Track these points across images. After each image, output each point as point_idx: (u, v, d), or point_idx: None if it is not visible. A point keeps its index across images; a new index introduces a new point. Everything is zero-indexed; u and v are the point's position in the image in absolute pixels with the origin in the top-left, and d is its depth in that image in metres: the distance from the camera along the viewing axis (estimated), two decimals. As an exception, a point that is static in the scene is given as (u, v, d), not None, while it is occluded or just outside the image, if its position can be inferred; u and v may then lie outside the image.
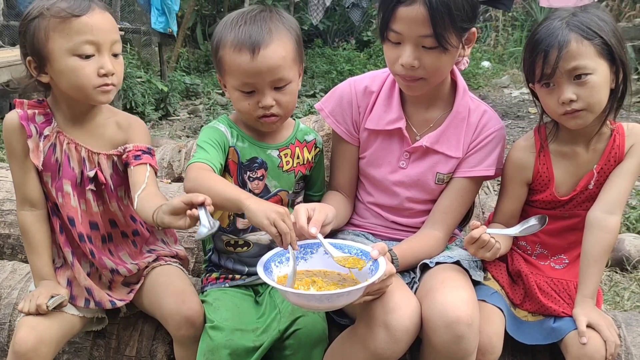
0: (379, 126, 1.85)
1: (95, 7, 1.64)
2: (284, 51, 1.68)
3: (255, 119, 1.73)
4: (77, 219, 1.74)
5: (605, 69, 1.64)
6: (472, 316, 1.52)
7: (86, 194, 1.75)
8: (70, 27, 1.60)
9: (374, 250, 1.54)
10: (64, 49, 1.61)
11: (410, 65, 1.67)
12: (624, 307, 2.66)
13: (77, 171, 1.74)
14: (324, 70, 8.78)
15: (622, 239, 3.11)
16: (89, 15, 1.61)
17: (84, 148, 1.73)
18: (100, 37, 1.63)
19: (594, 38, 1.61)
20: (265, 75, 1.66)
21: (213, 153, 1.70)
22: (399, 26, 1.65)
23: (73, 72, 1.62)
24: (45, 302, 1.66)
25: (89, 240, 1.77)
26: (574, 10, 1.68)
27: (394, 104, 1.84)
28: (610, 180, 1.74)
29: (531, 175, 1.80)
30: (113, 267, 1.79)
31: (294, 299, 1.47)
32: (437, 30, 1.61)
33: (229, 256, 1.87)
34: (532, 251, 1.86)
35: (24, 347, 1.60)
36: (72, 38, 1.61)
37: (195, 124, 6.46)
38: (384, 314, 1.54)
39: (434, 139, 1.82)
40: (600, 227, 1.71)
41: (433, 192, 1.86)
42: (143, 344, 1.87)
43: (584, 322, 1.64)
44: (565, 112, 1.66)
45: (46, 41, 1.62)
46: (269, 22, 1.69)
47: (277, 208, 1.48)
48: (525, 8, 10.61)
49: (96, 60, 1.63)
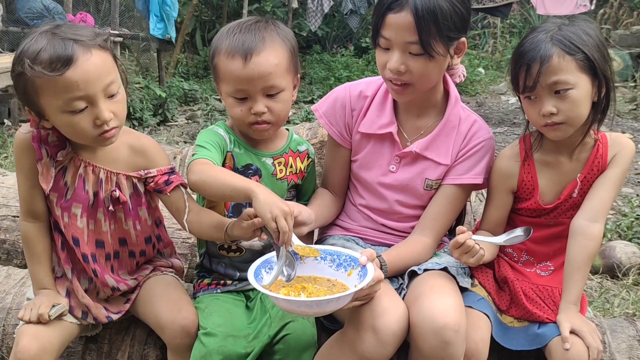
0: (371, 130, 1.89)
1: (79, 55, 1.50)
2: (276, 59, 1.71)
3: (248, 125, 1.76)
4: (82, 239, 1.73)
5: (586, 84, 1.67)
6: (459, 322, 1.56)
7: (97, 214, 1.74)
8: (56, 85, 1.50)
9: (363, 256, 1.57)
10: (55, 107, 1.54)
11: (397, 70, 1.71)
12: (614, 314, 2.68)
13: (90, 193, 1.71)
14: (322, 77, 8.82)
15: (613, 246, 3.13)
16: (72, 69, 1.49)
17: (102, 169, 1.71)
18: (90, 89, 1.52)
19: (576, 53, 1.64)
20: (257, 81, 1.69)
21: (214, 152, 1.73)
22: (387, 32, 1.70)
23: (69, 127, 1.58)
24: (47, 312, 1.68)
25: (93, 259, 1.76)
26: (561, 23, 1.71)
27: (387, 109, 1.88)
28: (594, 189, 1.77)
29: (516, 184, 1.83)
30: (114, 285, 1.80)
31: (284, 305, 1.50)
32: (423, 37, 1.66)
33: (220, 261, 1.89)
34: (519, 258, 1.89)
35: (26, 355, 1.61)
36: (60, 96, 1.51)
37: (193, 130, 6.49)
38: (372, 318, 1.57)
39: (424, 145, 1.86)
40: (584, 234, 1.74)
41: (422, 198, 1.89)
42: (135, 348, 1.89)
43: (567, 328, 1.66)
44: (546, 124, 1.70)
45: (36, 97, 1.54)
46: (263, 31, 1.73)
47: (282, 205, 1.50)
48: (523, 15, 10.68)
49: (90, 111, 1.55)
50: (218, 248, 1.87)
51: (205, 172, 1.62)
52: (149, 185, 1.77)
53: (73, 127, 1.57)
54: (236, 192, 1.57)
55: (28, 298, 1.83)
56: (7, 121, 6.01)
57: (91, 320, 1.78)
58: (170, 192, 1.75)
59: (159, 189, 1.76)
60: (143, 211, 1.81)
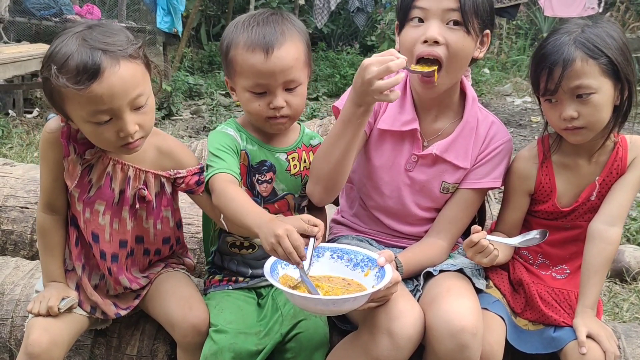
0: (393, 127, 1.85)
1: (106, 68, 1.46)
2: (296, 52, 1.70)
3: (265, 120, 1.74)
4: (102, 237, 1.72)
5: (609, 88, 1.64)
6: (476, 325, 1.53)
7: (122, 213, 1.73)
8: (81, 97, 1.47)
9: (381, 257, 1.55)
10: (79, 116, 1.52)
11: (434, 39, 1.66)
12: (623, 318, 2.67)
13: (117, 191, 1.70)
14: (328, 74, 8.79)
15: (622, 250, 3.11)
16: (98, 82, 1.46)
17: (131, 166, 1.70)
18: (115, 102, 1.49)
19: (600, 57, 1.61)
20: (278, 76, 1.67)
21: (230, 160, 1.70)
22: (425, 2, 1.68)
23: (93, 135, 1.56)
24: (57, 305, 1.67)
25: (113, 258, 1.75)
26: (584, 24, 1.68)
27: (407, 106, 1.85)
28: (612, 192, 1.75)
29: (533, 186, 1.81)
30: (127, 285, 1.79)
31: (300, 302, 1.47)
32: (463, 5, 1.65)
33: (232, 258, 1.87)
34: (534, 261, 1.87)
35: (37, 348, 1.60)
36: (84, 108, 1.49)
37: (198, 124, 6.47)
38: (387, 322, 1.55)
39: (444, 147, 1.82)
40: (601, 238, 1.72)
41: (437, 201, 1.86)
42: (144, 343, 1.88)
43: (584, 332, 1.64)
44: (566, 128, 1.68)
45: (62, 103, 1.52)
46: (281, 24, 1.71)
47: (275, 230, 1.41)
48: (530, 17, 10.65)
49: (114, 123, 1.52)
50: (229, 246, 1.85)
51: (224, 199, 1.60)
52: (180, 187, 1.76)
53: (97, 137, 1.56)
54: (244, 229, 1.57)
55: (37, 290, 1.82)
56: (12, 112, 5.99)
57: (99, 315, 1.76)
58: (202, 192, 1.75)
59: (190, 190, 1.76)
60: (167, 212, 1.80)
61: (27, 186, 2.42)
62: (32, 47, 5.86)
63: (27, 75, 6.03)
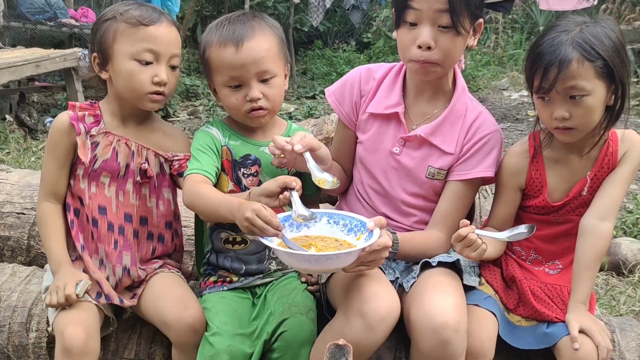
0: (378, 110, 1.90)
1: (164, 20, 1.78)
2: (267, 44, 1.76)
3: (244, 114, 1.79)
4: (109, 208, 1.82)
5: (602, 90, 1.64)
6: (459, 322, 1.55)
7: (126, 185, 1.83)
8: (137, 34, 1.74)
9: (371, 221, 1.58)
10: (126, 52, 1.74)
11: (427, 44, 1.72)
12: (620, 311, 2.68)
13: (122, 165, 1.82)
14: (324, 72, 8.79)
15: (619, 243, 3.12)
16: (156, 26, 1.75)
17: (135, 143, 1.83)
18: (162, 48, 1.75)
19: (596, 60, 1.60)
20: (250, 67, 1.73)
21: (205, 160, 1.77)
22: (418, 2, 1.71)
23: (130, 74, 1.75)
24: (74, 291, 1.69)
25: (120, 230, 1.82)
26: (583, 22, 1.66)
27: (396, 90, 1.90)
28: (604, 187, 1.75)
29: (524, 181, 1.82)
30: (128, 264, 1.82)
31: (286, 259, 1.53)
32: (453, 6, 1.67)
33: (226, 255, 1.89)
34: (527, 256, 1.88)
35: (76, 342, 1.62)
36: (136, 44, 1.74)
37: (195, 125, 6.48)
38: (360, 303, 1.57)
39: (430, 130, 1.85)
40: (593, 233, 1.73)
41: (423, 186, 1.88)
42: (142, 346, 1.89)
43: (576, 327, 1.65)
44: (557, 127, 1.68)
45: (113, 42, 1.75)
46: (252, 20, 1.79)
47: (244, 214, 1.50)
48: (525, 10, 10.62)
49: (153, 68, 1.75)
50: (223, 242, 1.87)
51: (193, 197, 1.70)
52: (174, 168, 1.86)
53: (133, 77, 1.75)
54: (221, 219, 1.68)
55: (46, 287, 1.82)
56: (9, 117, 5.99)
57: (104, 301, 1.77)
58: None
59: (181, 172, 1.84)
60: (168, 193, 1.90)
61: (23, 192, 2.42)
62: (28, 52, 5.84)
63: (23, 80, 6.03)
